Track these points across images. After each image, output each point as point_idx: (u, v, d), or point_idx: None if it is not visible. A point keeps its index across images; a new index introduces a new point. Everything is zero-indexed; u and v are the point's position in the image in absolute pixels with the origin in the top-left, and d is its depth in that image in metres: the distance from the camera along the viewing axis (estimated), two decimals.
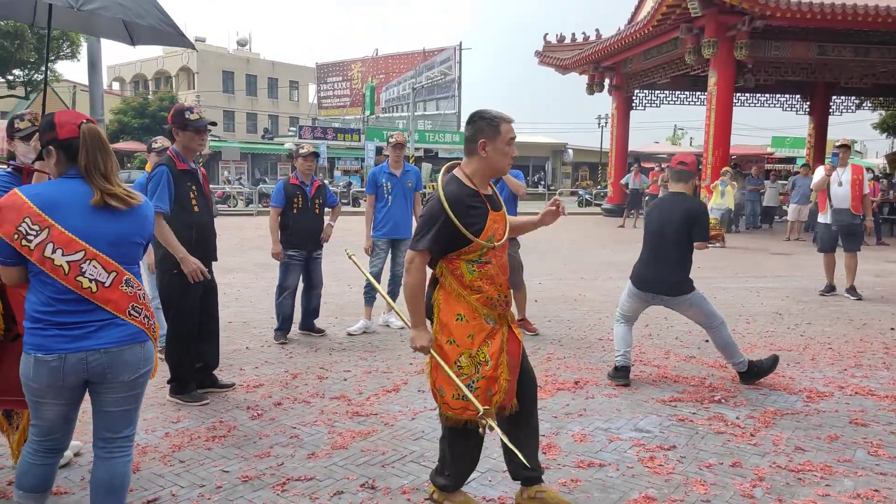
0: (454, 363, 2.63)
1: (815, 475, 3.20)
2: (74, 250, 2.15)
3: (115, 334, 2.21)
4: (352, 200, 26.17)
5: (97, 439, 2.34)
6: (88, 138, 2.22)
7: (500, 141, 2.66)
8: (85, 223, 2.18)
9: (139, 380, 2.31)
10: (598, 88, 22.09)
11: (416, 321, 2.68)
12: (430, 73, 36.33)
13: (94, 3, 3.15)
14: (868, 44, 16.35)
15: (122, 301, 2.22)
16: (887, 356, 5.39)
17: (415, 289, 2.66)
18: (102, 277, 2.18)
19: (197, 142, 4.09)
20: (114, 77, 50.92)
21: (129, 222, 2.28)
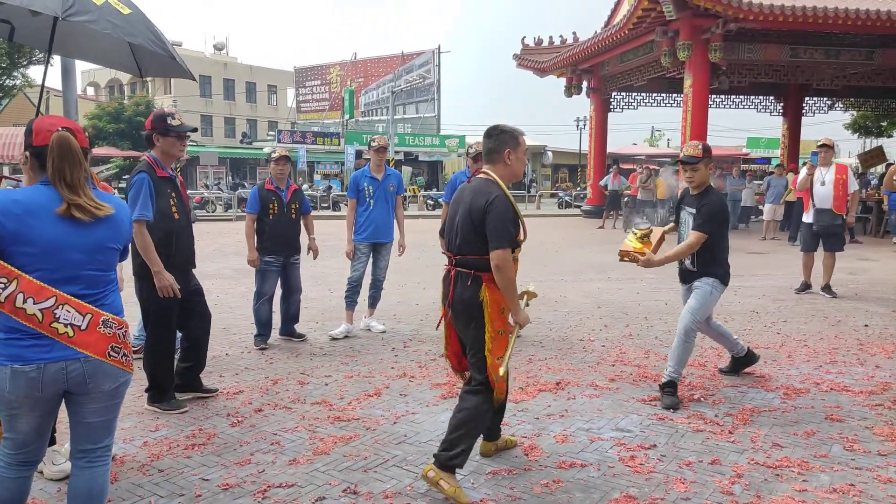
0: (506, 349, 3.08)
1: (793, 471, 3.25)
2: (45, 297, 2.10)
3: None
4: (332, 204, 26.07)
5: (76, 450, 2.30)
6: (56, 147, 2.17)
7: (520, 151, 3.13)
8: (56, 230, 2.15)
9: (120, 389, 2.28)
10: (577, 91, 22.24)
11: (517, 307, 3.08)
12: (409, 77, 36.33)
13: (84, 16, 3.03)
14: (839, 46, 16.66)
15: (100, 343, 2.18)
16: (861, 352, 5.49)
17: (513, 279, 3.00)
18: (77, 321, 2.14)
19: (178, 148, 4.05)
20: (88, 82, 50.21)
21: (103, 229, 2.24)
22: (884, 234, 15.56)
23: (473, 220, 3.00)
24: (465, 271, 3.06)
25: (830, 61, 16.97)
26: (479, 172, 5.33)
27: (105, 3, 3.14)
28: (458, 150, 36.29)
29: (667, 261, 4.25)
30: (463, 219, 3.07)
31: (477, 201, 3.00)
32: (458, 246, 3.10)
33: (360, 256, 5.99)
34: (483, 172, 3.11)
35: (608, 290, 8.44)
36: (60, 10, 3.00)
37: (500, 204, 2.96)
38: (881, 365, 5.12)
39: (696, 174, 4.25)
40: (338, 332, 5.96)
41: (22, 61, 21.90)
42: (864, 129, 30.05)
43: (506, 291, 2.99)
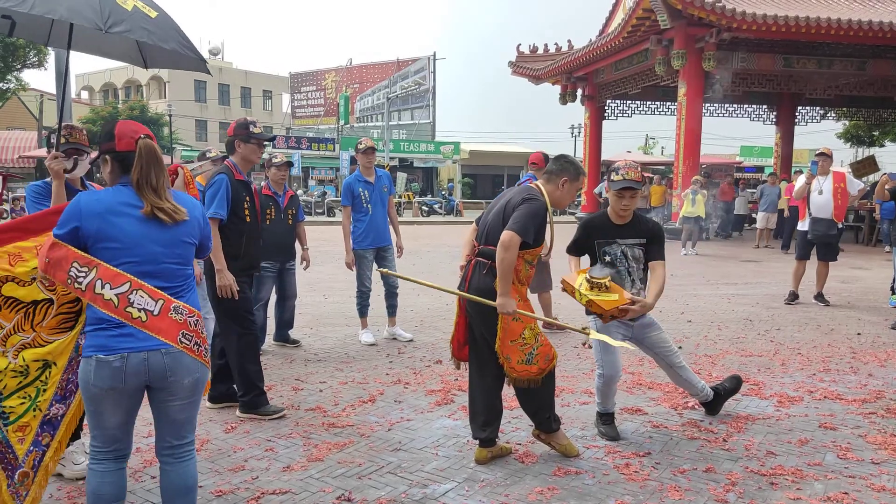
0: (520, 336, 3.29)
1: (787, 479, 3.26)
2: (120, 283, 2.21)
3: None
4: (326, 210, 26.04)
5: (163, 447, 2.38)
6: (144, 154, 2.31)
7: (575, 186, 3.41)
8: (138, 227, 2.27)
9: (198, 384, 2.35)
10: (571, 98, 22.35)
11: (506, 290, 3.20)
12: (405, 83, 36.42)
13: (122, 26, 3.05)
14: (831, 56, 16.81)
15: (172, 329, 2.25)
16: (854, 360, 5.51)
17: (512, 264, 3.18)
18: (150, 306, 2.23)
19: (257, 154, 4.21)
20: (83, 86, 50.12)
21: (179, 225, 2.34)
22: (876, 242, 15.65)
23: (506, 214, 3.27)
24: (484, 261, 3.33)
25: (823, 71, 17.12)
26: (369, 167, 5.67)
27: (134, 8, 3.16)
28: (453, 156, 36.36)
29: (658, 298, 3.68)
30: (497, 211, 3.36)
31: (516, 197, 3.31)
32: (485, 236, 3.38)
33: (367, 264, 5.93)
34: (536, 184, 3.41)
35: None
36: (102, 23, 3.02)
37: (535, 204, 3.25)
38: (874, 373, 5.14)
39: (633, 202, 3.68)
40: (369, 339, 5.91)
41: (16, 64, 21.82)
42: (857, 138, 30.26)
43: (500, 270, 3.18)
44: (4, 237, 2.52)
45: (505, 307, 3.21)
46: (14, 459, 2.54)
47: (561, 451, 3.48)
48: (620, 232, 3.73)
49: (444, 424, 3.96)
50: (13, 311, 2.52)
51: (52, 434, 2.62)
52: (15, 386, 2.54)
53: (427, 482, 3.21)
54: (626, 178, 3.62)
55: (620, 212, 3.70)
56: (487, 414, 3.45)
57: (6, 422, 2.53)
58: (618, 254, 3.74)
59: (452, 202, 29.27)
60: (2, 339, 2.51)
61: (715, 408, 4.14)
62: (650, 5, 14.65)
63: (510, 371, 3.34)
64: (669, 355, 3.92)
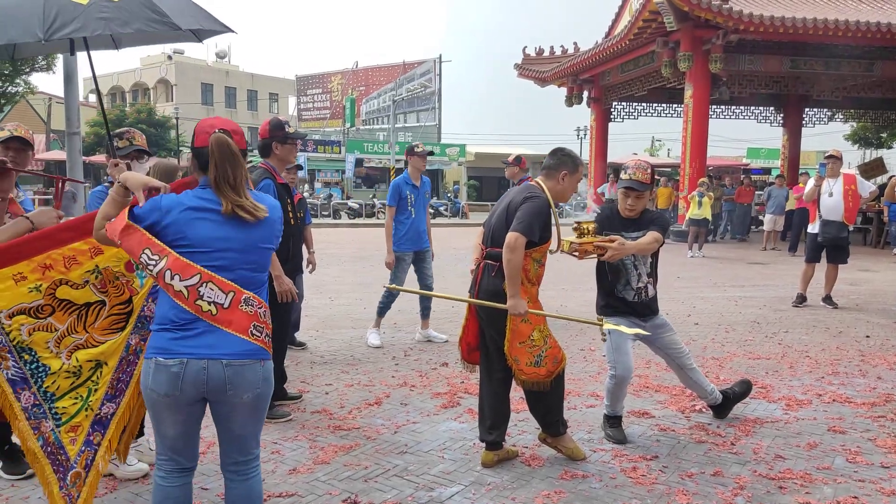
0: (528, 338, 3.27)
1: (796, 483, 3.23)
2: (190, 275, 2.12)
3: (238, 347, 2.15)
4: (332, 212, 26.07)
5: (228, 462, 2.32)
6: (216, 149, 2.19)
7: (575, 178, 3.39)
8: (218, 230, 2.17)
9: (260, 402, 2.24)
10: (577, 100, 22.32)
11: (516, 292, 3.17)
12: (411, 86, 36.45)
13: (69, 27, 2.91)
14: (839, 57, 16.73)
15: (243, 321, 2.16)
16: (863, 364, 5.47)
17: (519, 265, 3.15)
18: (220, 299, 2.14)
19: (294, 154, 4.21)
20: (90, 89, 50.34)
21: (259, 229, 2.24)
22: (884, 245, 15.56)
23: (509, 214, 3.26)
24: (493, 263, 3.32)
25: (830, 72, 17.04)
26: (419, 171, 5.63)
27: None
28: (459, 158, 36.35)
29: (637, 248, 3.54)
30: (500, 212, 3.36)
31: (517, 197, 3.30)
32: (491, 238, 3.37)
33: (404, 266, 5.95)
34: (536, 181, 3.40)
35: None
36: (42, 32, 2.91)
37: (537, 202, 3.23)
38: (883, 376, 5.10)
39: (639, 202, 3.67)
40: (375, 342, 5.92)
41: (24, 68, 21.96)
42: (864, 140, 30.12)
43: (508, 272, 3.16)
44: (63, 236, 2.53)
45: (516, 308, 3.19)
46: (66, 461, 2.56)
47: (567, 454, 3.48)
48: (627, 225, 3.72)
49: (450, 427, 3.95)
50: (67, 313, 2.54)
51: (103, 433, 2.63)
52: (68, 387, 2.55)
53: (433, 485, 3.20)
54: (633, 178, 3.62)
55: (626, 211, 3.72)
56: (494, 417, 3.44)
57: (58, 422, 2.54)
58: None
59: (458, 204, 29.27)
60: (56, 340, 2.53)
61: (723, 411, 4.11)
62: (656, 7, 14.62)
63: (518, 373, 3.33)
64: (681, 357, 3.89)
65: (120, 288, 2.63)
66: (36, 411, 2.52)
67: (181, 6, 3.28)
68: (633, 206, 3.67)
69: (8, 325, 2.47)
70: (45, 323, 2.51)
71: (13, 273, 2.46)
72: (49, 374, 2.53)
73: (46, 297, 2.50)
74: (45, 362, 2.52)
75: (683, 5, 14.32)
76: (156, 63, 48.85)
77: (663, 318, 3.87)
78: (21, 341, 2.49)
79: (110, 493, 3.10)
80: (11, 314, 2.46)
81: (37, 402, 2.52)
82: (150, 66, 49.58)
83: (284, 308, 4.05)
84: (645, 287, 3.73)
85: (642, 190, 3.63)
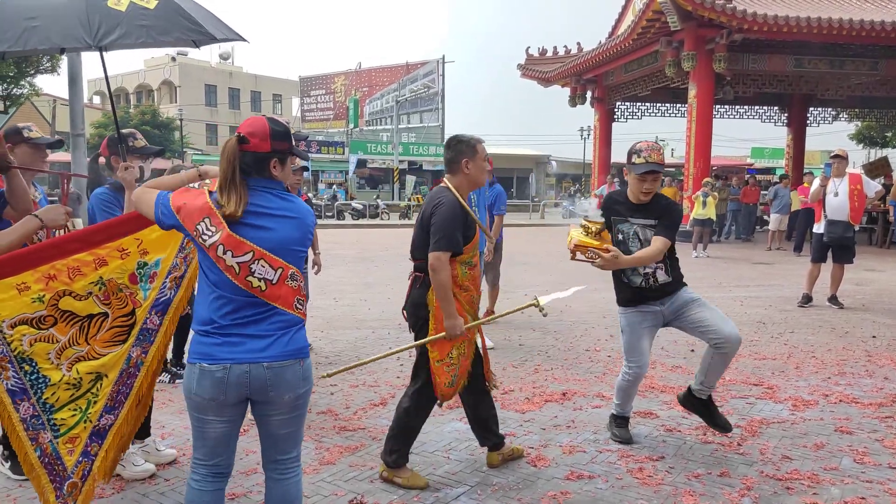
0: (447, 355, 3.11)
1: (803, 483, 3.22)
2: (243, 252, 2.15)
3: (278, 349, 2.19)
4: (336, 213, 26.10)
5: (268, 462, 2.35)
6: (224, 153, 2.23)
7: (478, 159, 3.20)
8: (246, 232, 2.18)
9: (300, 401, 2.29)
10: (581, 101, 22.31)
11: (451, 312, 3.04)
12: (414, 87, 36.48)
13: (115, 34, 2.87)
14: (843, 56, 16.69)
15: (289, 296, 2.22)
16: (870, 364, 5.45)
17: (447, 284, 3.01)
18: (270, 275, 2.18)
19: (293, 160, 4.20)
20: (94, 91, 50.51)
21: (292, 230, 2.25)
22: (890, 244, 15.50)
23: (423, 226, 3.15)
24: (418, 275, 3.20)
25: (835, 71, 17.00)
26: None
27: (130, 5, 3.01)
28: None
29: (634, 262, 3.43)
30: (416, 224, 3.24)
31: (427, 209, 3.16)
32: (412, 251, 3.25)
33: None
34: (442, 181, 3.24)
35: (613, 300, 8.38)
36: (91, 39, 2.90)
37: (445, 208, 3.07)
38: (890, 376, 5.08)
39: (655, 185, 3.51)
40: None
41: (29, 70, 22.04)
42: (869, 139, 30.04)
43: (438, 294, 3.03)
44: (69, 247, 2.53)
45: (453, 330, 3.03)
46: (63, 471, 2.56)
47: (406, 484, 3.17)
48: (636, 211, 3.56)
49: (455, 428, 3.95)
50: (69, 324, 2.53)
51: (101, 444, 2.63)
52: (67, 398, 2.55)
53: (439, 486, 3.20)
54: (649, 160, 3.41)
55: (642, 196, 3.52)
56: (482, 421, 3.38)
57: (57, 434, 2.54)
58: (630, 233, 3.58)
59: None
60: (57, 352, 2.52)
61: (689, 404, 3.78)
62: (660, 7, 14.60)
63: (438, 391, 3.16)
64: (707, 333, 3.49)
65: (123, 300, 2.62)
66: (34, 422, 2.51)
67: (202, 13, 3.26)
68: (649, 191, 3.49)
69: (10, 336, 2.45)
70: (47, 334, 2.50)
71: (17, 283, 2.44)
72: (49, 386, 2.51)
73: (49, 307, 2.48)
74: (45, 373, 2.51)
75: (687, 5, 14.29)
76: (160, 65, 48.99)
77: (688, 295, 3.57)
78: (22, 352, 2.47)
79: (117, 493, 3.10)
80: (13, 324, 2.44)
81: (35, 413, 2.51)
82: (153, 68, 49.72)
83: None
84: (654, 272, 3.53)
85: (661, 171, 3.48)
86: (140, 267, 2.64)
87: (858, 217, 7.69)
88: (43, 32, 2.94)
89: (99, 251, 2.54)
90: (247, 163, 2.21)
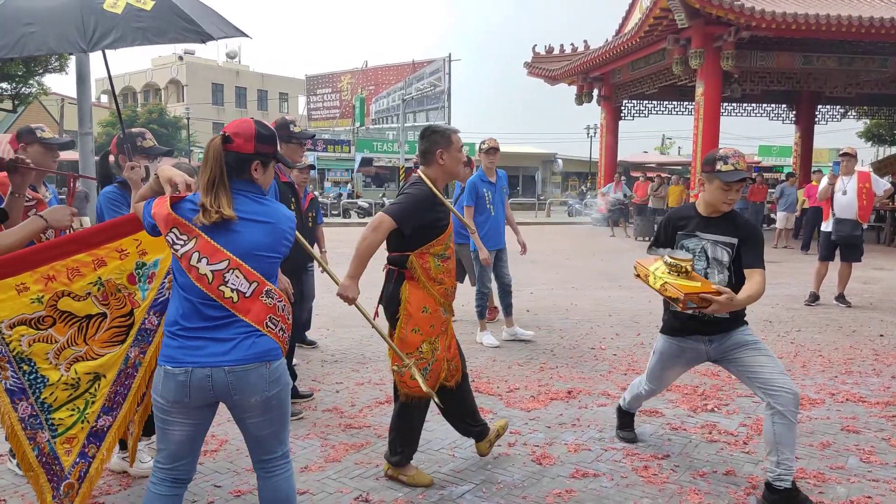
0: (417, 349, 3.07)
1: (809, 482, 3.21)
2: (219, 259, 2.13)
3: (240, 353, 2.15)
4: (342, 211, 26.12)
5: (255, 462, 2.34)
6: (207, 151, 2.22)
7: (453, 149, 3.14)
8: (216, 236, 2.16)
9: (272, 402, 2.22)
10: (587, 99, 22.24)
11: (355, 273, 2.99)
12: (420, 85, 36.44)
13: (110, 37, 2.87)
14: (852, 54, 16.57)
15: (261, 312, 2.18)
16: (877, 363, 5.43)
17: (372, 247, 2.97)
18: (244, 287, 2.16)
19: (299, 154, 4.23)
20: (102, 90, 50.73)
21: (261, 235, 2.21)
22: None
23: None
24: (392, 268, 3.16)
25: (843, 69, 16.89)
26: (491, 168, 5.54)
27: (126, 7, 3.01)
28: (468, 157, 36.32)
29: (747, 302, 2.97)
30: None
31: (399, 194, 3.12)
32: (387, 244, 3.16)
33: (486, 267, 5.90)
34: (418, 173, 3.19)
35: (619, 298, 8.39)
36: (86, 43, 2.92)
37: (414, 190, 3.06)
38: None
39: (738, 195, 3.09)
40: (491, 342, 5.87)
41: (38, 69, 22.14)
42: (878, 137, 29.80)
43: (358, 251, 2.98)
44: (69, 248, 2.54)
45: (345, 290, 2.95)
46: (60, 471, 2.57)
47: (410, 482, 3.17)
48: (706, 225, 3.13)
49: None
50: (67, 325, 2.54)
51: (98, 445, 2.64)
52: (65, 398, 2.56)
53: (444, 483, 3.21)
54: (738, 167, 3.02)
55: (724, 206, 3.08)
56: (461, 413, 3.36)
57: (54, 434, 2.56)
58: (697, 250, 3.13)
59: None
60: (56, 352, 2.53)
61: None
62: (667, 4, 14.53)
63: (402, 385, 3.13)
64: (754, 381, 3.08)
65: (121, 300, 2.62)
66: (32, 422, 2.52)
67: (202, 12, 3.27)
68: (732, 201, 3.07)
69: (8, 336, 2.46)
70: (46, 334, 2.51)
71: (16, 283, 2.45)
72: (47, 386, 2.52)
73: (48, 308, 2.49)
74: (43, 373, 2.52)
75: (695, 2, 14.22)
76: (167, 63, 49.16)
77: (745, 335, 3.15)
78: (21, 352, 2.48)
79: (124, 490, 3.12)
80: (12, 324, 2.45)
81: (34, 412, 2.52)
82: (160, 67, 49.89)
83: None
84: None
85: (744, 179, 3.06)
86: (139, 267, 2.65)
87: (867, 215, 7.65)
88: (40, 37, 2.95)
89: (98, 252, 2.55)
90: (228, 163, 2.18)
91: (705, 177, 3.10)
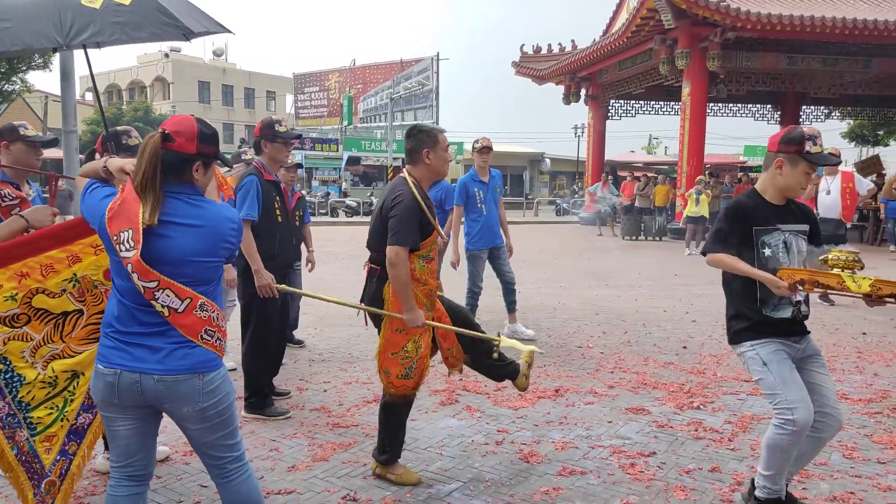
0: (402, 349, 3.10)
1: (792, 479, 3.24)
2: (150, 279, 2.04)
3: (171, 364, 2.08)
4: (330, 210, 26.04)
5: (207, 467, 2.27)
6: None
7: (440, 149, 3.14)
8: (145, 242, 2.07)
9: (208, 412, 2.14)
10: (575, 98, 22.34)
11: (411, 305, 3.01)
12: (408, 84, 36.42)
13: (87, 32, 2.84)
14: (836, 55, 16.76)
15: (195, 325, 2.11)
16: (860, 360, 5.49)
17: (405, 278, 2.98)
18: (175, 304, 2.08)
19: (284, 153, 4.20)
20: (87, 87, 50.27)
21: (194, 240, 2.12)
22: (881, 242, 15.59)
23: (382, 217, 3.09)
24: (375, 267, 3.16)
25: (828, 70, 17.08)
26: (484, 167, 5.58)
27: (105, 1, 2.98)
28: (457, 156, 36.34)
29: None
30: (374, 215, 3.20)
31: (388, 200, 3.09)
32: (368, 242, 3.19)
33: (480, 264, 5.92)
34: (403, 174, 3.18)
35: (606, 297, 8.44)
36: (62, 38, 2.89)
37: (402, 205, 3.02)
38: (879, 373, 5.12)
39: None
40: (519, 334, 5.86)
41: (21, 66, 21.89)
42: (861, 137, 30.16)
43: (397, 288, 3.00)
44: (41, 244, 2.50)
45: (413, 322, 3.01)
46: (41, 469, 2.54)
47: (398, 481, 3.17)
48: (782, 215, 2.76)
49: (448, 424, 3.96)
50: (43, 322, 2.50)
51: (79, 443, 2.62)
52: (43, 397, 2.53)
53: (432, 482, 3.21)
54: (823, 148, 2.76)
55: (801, 191, 2.77)
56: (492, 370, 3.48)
57: (33, 432, 2.52)
58: (779, 245, 2.73)
59: None
60: (31, 350, 2.50)
61: None
62: (654, 5, 14.63)
63: (388, 386, 3.15)
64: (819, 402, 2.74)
65: (98, 297, 2.58)
66: (10, 421, 2.49)
67: (184, 8, 3.24)
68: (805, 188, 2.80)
69: None
70: (21, 332, 2.46)
71: None
72: (24, 384, 2.48)
73: (22, 305, 2.45)
74: (20, 372, 2.48)
75: (681, 3, 14.33)
76: (153, 61, 48.75)
77: (814, 344, 2.85)
78: None
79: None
80: None
81: (11, 411, 2.49)
82: (146, 64, 49.47)
83: (272, 304, 4.02)
84: (805, 298, 2.73)
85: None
86: None
87: (850, 215, 7.75)
88: (15, 33, 2.92)
89: (72, 248, 2.51)
90: (167, 163, 2.07)
91: (785, 158, 2.67)
